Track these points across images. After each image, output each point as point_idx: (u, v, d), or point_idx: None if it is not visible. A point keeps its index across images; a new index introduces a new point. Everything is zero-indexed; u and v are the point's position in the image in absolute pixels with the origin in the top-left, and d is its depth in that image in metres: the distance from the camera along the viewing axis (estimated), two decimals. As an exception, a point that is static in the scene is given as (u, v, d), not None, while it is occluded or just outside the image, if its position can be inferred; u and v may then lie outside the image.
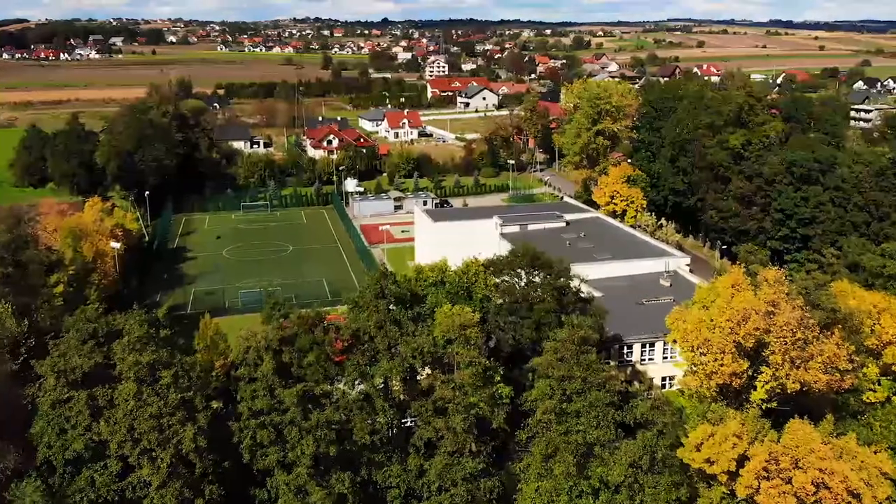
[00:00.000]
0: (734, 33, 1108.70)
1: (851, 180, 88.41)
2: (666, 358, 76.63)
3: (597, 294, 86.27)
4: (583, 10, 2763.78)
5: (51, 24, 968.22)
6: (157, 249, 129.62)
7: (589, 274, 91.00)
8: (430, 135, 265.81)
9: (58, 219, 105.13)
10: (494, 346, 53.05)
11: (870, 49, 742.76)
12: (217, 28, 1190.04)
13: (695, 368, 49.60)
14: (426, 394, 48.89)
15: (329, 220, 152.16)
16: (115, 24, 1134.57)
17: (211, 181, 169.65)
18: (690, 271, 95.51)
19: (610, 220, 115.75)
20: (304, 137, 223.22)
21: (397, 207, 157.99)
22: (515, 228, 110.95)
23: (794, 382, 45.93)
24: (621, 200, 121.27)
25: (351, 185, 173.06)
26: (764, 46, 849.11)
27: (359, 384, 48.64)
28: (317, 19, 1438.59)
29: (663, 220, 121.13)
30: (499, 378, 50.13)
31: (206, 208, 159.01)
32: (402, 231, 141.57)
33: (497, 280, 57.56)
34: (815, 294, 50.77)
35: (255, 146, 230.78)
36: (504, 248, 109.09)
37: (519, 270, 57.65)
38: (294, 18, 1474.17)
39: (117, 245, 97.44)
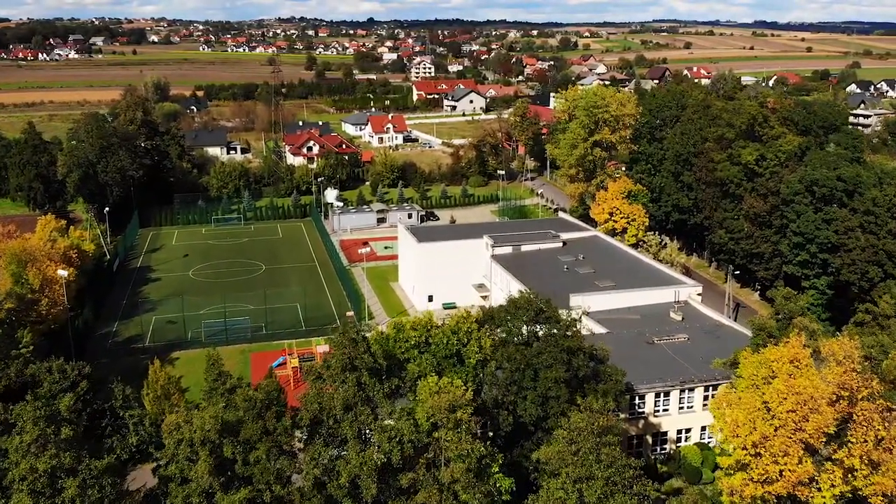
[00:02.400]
0: (720, 34, 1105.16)
1: (885, 204, 79.43)
2: (682, 408, 67.39)
3: (601, 330, 77.22)
4: (567, 10, 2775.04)
5: (31, 23, 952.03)
6: (117, 270, 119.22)
7: (591, 305, 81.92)
8: (416, 140, 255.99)
9: (2, 242, 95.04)
10: (491, 421, 43.53)
11: (857, 51, 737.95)
12: (200, 28, 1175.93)
13: (746, 468, 40.05)
14: (406, 492, 39.38)
15: (307, 235, 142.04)
16: (96, 23, 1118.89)
17: (181, 192, 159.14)
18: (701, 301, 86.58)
19: (610, 239, 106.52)
20: (283, 143, 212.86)
21: (380, 220, 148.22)
22: (508, 249, 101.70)
23: (876, 495, 36.55)
24: (621, 217, 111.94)
25: (331, 195, 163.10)
26: (751, 48, 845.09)
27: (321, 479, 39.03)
28: (302, 19, 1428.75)
29: (666, 239, 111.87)
30: (496, 468, 40.63)
31: (176, 221, 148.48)
32: (385, 247, 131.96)
33: (493, 337, 47.83)
34: (884, 364, 41.60)
35: (233, 152, 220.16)
36: (496, 271, 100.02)
37: (520, 326, 47.95)
38: (279, 18, 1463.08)
39: (65, 273, 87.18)
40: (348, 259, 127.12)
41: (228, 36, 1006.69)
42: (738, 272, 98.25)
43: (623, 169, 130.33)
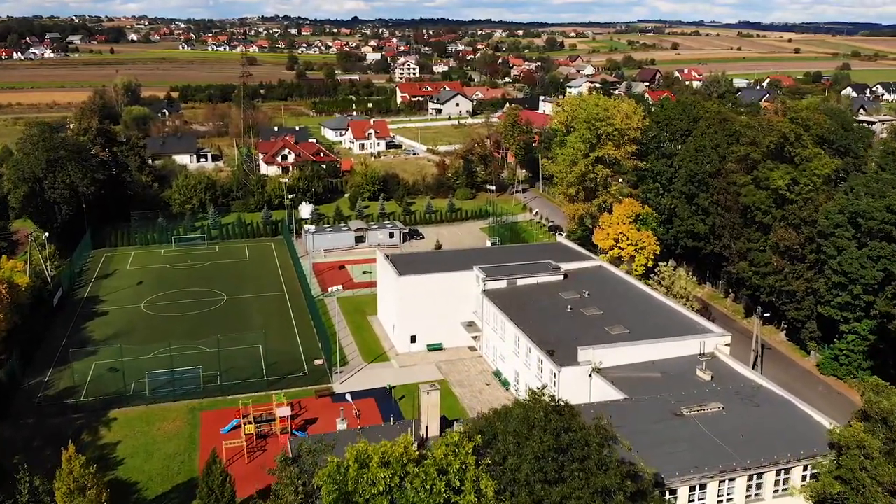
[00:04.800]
0: (706, 35, 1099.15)
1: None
2: (721, 502, 54.78)
3: (617, 395, 64.53)
4: (552, 10, 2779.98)
5: (9, 21, 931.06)
6: (60, 302, 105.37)
7: (602, 360, 69.52)
8: (400, 146, 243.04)
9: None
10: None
11: (846, 52, 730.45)
12: (182, 26, 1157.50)
13: None
14: None
15: (277, 257, 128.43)
16: (76, 20, 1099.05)
17: (140, 208, 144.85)
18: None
19: (616, 271, 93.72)
20: (256, 151, 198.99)
21: (359, 239, 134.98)
22: (502, 284, 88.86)
23: None
24: (628, 244, 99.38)
25: (306, 210, 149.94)
26: (738, 48, 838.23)
27: None
28: (285, 17, 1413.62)
29: (680, 270, 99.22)
30: None
31: (133, 241, 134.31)
32: (364, 272, 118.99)
33: (495, 459, 34.80)
34: None
35: (203, 160, 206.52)
36: (488, 309, 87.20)
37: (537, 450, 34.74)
38: (262, 16, 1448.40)
39: (-21, 320, 73.88)
40: (322, 286, 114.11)
41: (209, 35, 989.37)
42: (767, 314, 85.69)
43: (621, 181, 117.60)
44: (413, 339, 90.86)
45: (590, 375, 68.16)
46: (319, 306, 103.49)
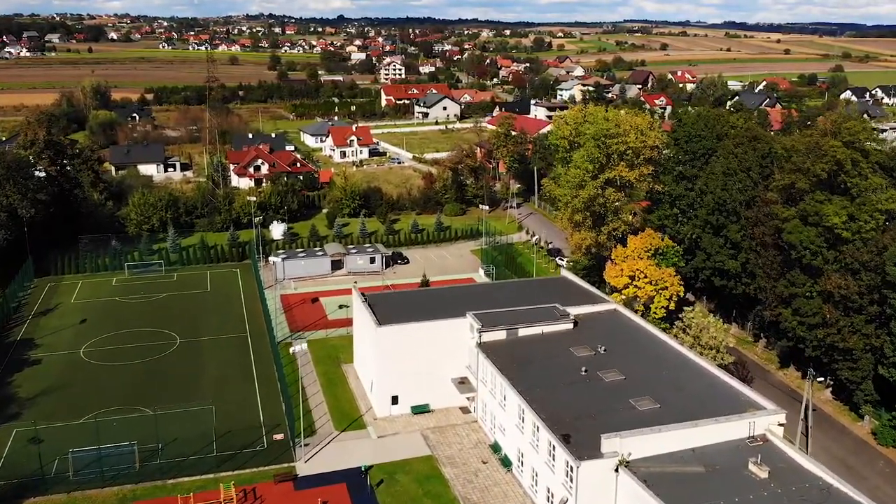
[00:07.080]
0: (694, 35, 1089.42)
1: None
2: None
3: (652, 502, 50.57)
4: (538, 10, 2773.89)
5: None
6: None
7: (631, 451, 55.50)
8: (384, 153, 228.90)
9: None
10: None
11: (837, 53, 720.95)
12: (165, 24, 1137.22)
13: None
14: None
15: (242, 287, 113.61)
16: (56, 18, 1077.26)
17: (91, 230, 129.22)
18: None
19: (634, 317, 79.67)
20: (227, 160, 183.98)
21: (335, 265, 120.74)
22: (500, 335, 74.92)
23: None
24: (646, 283, 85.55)
25: (278, 231, 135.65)
26: (728, 49, 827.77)
27: None
28: (270, 16, 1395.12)
29: (710, 317, 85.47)
30: None
31: (82, 268, 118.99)
32: (340, 306, 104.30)
33: None
34: None
35: (171, 170, 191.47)
36: (484, 367, 73.16)
37: None
38: (247, 15, 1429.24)
39: None
40: (292, 325, 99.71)
41: (191, 33, 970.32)
42: (820, 380, 71.81)
43: (623, 196, 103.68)
44: (395, 401, 76.64)
45: (616, 470, 54.25)
46: (285, 353, 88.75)
